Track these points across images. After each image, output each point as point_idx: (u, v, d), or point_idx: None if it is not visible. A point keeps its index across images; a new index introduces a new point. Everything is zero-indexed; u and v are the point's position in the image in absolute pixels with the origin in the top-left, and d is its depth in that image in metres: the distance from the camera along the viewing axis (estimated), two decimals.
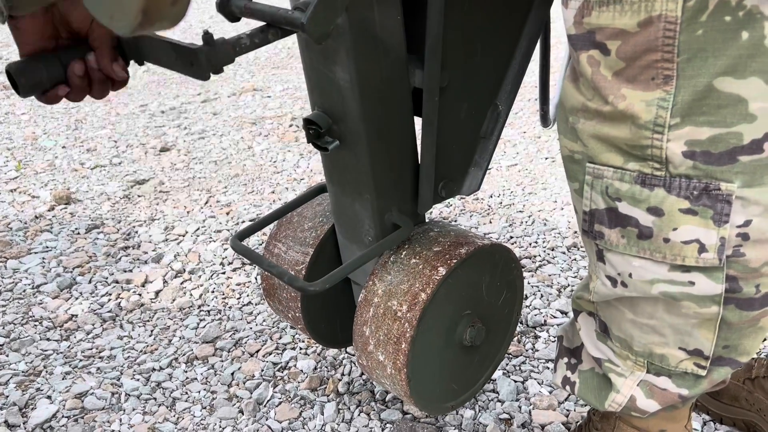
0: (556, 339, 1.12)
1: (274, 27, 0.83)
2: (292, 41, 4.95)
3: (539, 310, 1.77)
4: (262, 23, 0.84)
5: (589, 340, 0.99)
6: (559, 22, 3.38)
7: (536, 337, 1.67)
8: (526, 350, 1.63)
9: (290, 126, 3.22)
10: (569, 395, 1.47)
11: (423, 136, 1.05)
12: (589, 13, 0.71)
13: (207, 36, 0.77)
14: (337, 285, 1.37)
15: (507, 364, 1.57)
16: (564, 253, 2.04)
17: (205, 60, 0.78)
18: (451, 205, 2.37)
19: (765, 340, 1.59)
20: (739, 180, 0.71)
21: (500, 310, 1.29)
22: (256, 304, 1.85)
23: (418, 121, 1.08)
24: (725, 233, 0.74)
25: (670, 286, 0.80)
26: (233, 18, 0.90)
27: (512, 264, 1.26)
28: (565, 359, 1.07)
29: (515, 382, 1.52)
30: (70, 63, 0.86)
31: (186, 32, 5.34)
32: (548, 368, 1.56)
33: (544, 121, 1.30)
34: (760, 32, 0.64)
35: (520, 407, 1.45)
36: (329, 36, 0.87)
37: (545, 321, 1.72)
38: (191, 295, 1.91)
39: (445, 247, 1.14)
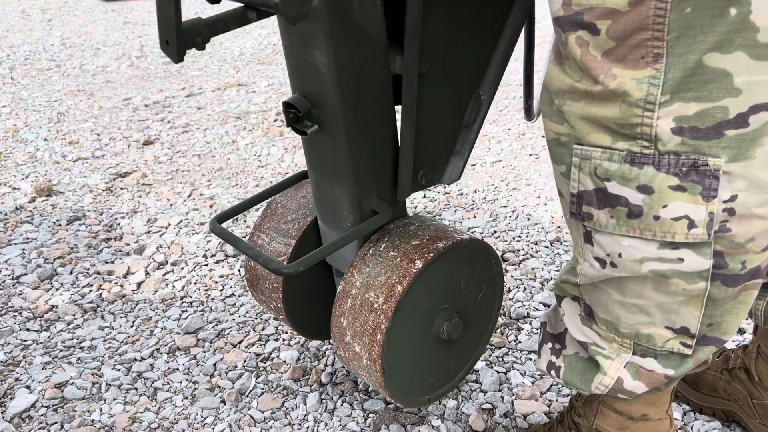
0: (539, 325, 1.13)
1: (252, 8, 0.85)
2: (277, 37, 4.94)
3: (522, 302, 1.78)
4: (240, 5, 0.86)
5: (574, 325, 0.99)
6: (545, 22, 3.40)
7: (519, 329, 1.68)
8: (509, 342, 1.63)
9: (275, 121, 3.21)
10: (551, 386, 1.48)
11: (402, 123, 1.05)
12: None
13: None
14: (321, 276, 1.38)
15: (490, 356, 1.58)
16: (547, 247, 2.05)
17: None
18: (436, 200, 2.38)
19: (744, 332, 1.61)
20: (726, 155, 0.72)
21: (479, 305, 1.29)
22: (239, 296, 1.84)
23: (399, 110, 1.08)
24: (714, 208, 0.75)
25: (660, 264, 0.81)
26: (213, 0, 0.91)
27: (492, 260, 1.26)
28: (549, 344, 1.07)
29: (498, 372, 1.52)
30: None
31: None
32: (530, 359, 1.57)
33: (528, 114, 1.31)
34: (747, 8, 0.65)
35: (502, 397, 1.46)
36: (305, 17, 0.88)
37: (528, 313, 1.73)
38: (173, 286, 1.89)
39: (424, 240, 1.15)
